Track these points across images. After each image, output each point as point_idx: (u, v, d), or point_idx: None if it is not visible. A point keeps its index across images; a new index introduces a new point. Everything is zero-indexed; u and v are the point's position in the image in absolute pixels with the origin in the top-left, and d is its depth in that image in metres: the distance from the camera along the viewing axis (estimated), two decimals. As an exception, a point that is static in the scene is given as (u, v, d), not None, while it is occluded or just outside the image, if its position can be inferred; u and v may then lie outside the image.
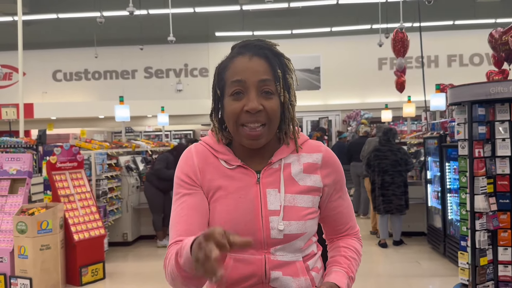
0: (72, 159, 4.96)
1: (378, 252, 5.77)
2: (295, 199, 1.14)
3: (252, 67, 1.09)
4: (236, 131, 1.11)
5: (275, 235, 1.10)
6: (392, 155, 5.83)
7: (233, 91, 1.09)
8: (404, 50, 9.15)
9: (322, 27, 13.99)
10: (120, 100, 7.37)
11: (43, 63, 15.19)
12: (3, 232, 4.61)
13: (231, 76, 1.11)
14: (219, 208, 1.12)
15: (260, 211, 1.11)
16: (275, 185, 1.14)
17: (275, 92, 1.10)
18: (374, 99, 13.82)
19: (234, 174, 1.14)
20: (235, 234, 0.81)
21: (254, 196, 1.12)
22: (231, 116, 1.10)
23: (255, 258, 1.11)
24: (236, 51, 1.15)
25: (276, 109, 1.10)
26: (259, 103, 1.07)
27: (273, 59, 1.12)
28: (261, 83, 1.09)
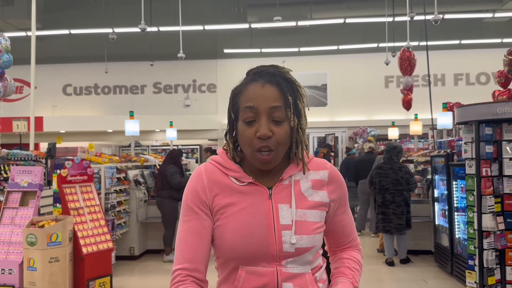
0: (83, 172, 5.03)
1: (385, 270, 5.74)
2: (305, 214, 1.20)
3: (264, 94, 1.16)
4: (251, 155, 1.18)
5: (287, 249, 1.16)
6: (393, 174, 5.81)
7: (246, 118, 1.17)
8: (411, 69, 9.21)
9: (329, 45, 14.13)
10: (130, 115, 7.47)
11: (53, 77, 15.42)
12: (13, 244, 4.66)
13: (244, 102, 1.18)
14: (232, 224, 1.17)
15: (273, 225, 1.16)
16: (287, 201, 1.20)
17: (285, 119, 1.17)
18: (381, 117, 13.85)
19: (246, 190, 1.20)
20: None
21: (267, 211, 1.18)
22: (246, 142, 1.17)
23: (267, 270, 1.16)
24: (250, 78, 1.22)
25: (284, 135, 1.17)
26: (269, 129, 1.14)
27: (285, 86, 1.18)
28: (272, 110, 1.15)
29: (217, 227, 1.20)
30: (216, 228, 1.20)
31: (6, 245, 4.68)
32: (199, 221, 1.20)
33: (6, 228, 4.81)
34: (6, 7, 12.38)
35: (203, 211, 1.20)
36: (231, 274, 1.20)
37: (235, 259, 1.18)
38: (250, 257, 1.16)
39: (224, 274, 1.23)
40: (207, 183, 1.21)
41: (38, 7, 9.06)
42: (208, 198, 1.20)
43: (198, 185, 1.22)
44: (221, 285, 1.25)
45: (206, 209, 1.20)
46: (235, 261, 1.18)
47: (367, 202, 7.75)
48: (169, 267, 5.91)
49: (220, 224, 1.19)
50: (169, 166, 6.23)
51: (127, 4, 11.15)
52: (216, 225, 1.20)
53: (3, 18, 12.21)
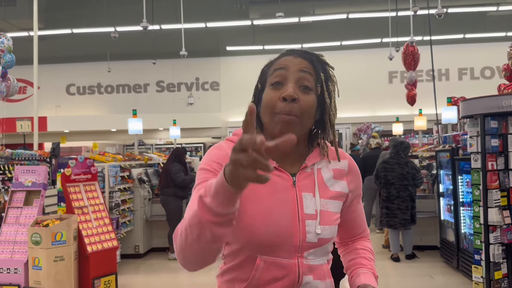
0: (86, 171, 5.03)
1: (391, 266, 5.72)
2: (327, 204, 1.16)
3: (295, 61, 1.13)
4: (271, 118, 1.10)
5: (311, 239, 1.11)
6: (399, 168, 5.78)
7: (274, 81, 1.11)
8: (414, 64, 9.16)
9: (332, 41, 14.07)
10: (133, 113, 7.47)
11: (56, 77, 15.46)
12: (18, 243, 4.67)
13: (274, 68, 1.14)
14: (253, 207, 1.08)
15: (297, 214, 1.11)
16: (310, 189, 1.15)
17: (314, 89, 1.12)
18: (385, 112, 13.80)
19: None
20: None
21: (291, 198, 1.12)
22: (268, 105, 1.10)
23: (289, 262, 1.10)
24: (283, 54, 1.19)
25: (311, 105, 1.10)
26: (295, 92, 1.08)
27: (318, 65, 1.15)
28: (302, 74, 1.10)
29: None
30: None
31: (11, 244, 4.70)
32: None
33: (11, 227, 4.83)
34: (8, 7, 12.41)
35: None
36: (245, 263, 1.12)
37: (253, 248, 1.09)
38: (271, 246, 1.09)
39: (234, 262, 1.14)
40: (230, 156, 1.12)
41: (40, 6, 9.07)
42: None
43: (219, 154, 1.13)
44: (227, 273, 1.16)
45: None
46: (252, 249, 1.10)
47: (372, 198, 7.72)
48: (174, 265, 5.91)
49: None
50: (173, 164, 6.23)
51: (129, 3, 11.14)
52: None
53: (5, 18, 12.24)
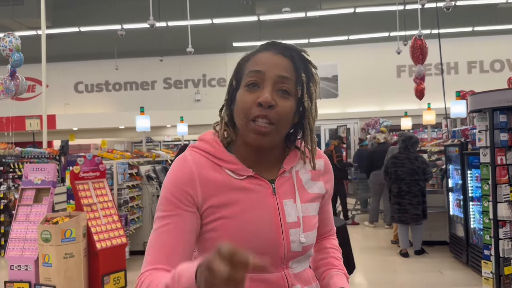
0: (95, 168, 5.06)
1: (399, 261, 5.69)
2: (307, 208, 1.10)
3: (274, 61, 1.01)
4: (244, 125, 1.00)
5: (295, 248, 1.05)
6: (409, 163, 5.75)
7: (249, 82, 1.01)
8: (423, 57, 9.08)
9: (339, 36, 13.99)
10: (141, 111, 7.49)
11: (65, 75, 15.56)
12: (28, 240, 4.72)
13: (250, 67, 1.03)
14: (232, 225, 1.00)
15: (280, 225, 1.03)
16: (290, 195, 1.08)
17: (292, 95, 1.02)
18: (393, 107, 13.71)
19: (245, 186, 1.03)
20: (250, 254, 0.69)
21: (272, 207, 1.04)
22: (241, 108, 1.00)
23: (275, 276, 1.04)
24: (262, 47, 1.08)
25: (289, 111, 1.01)
26: (272, 98, 0.98)
27: (299, 63, 1.05)
28: (280, 79, 1.00)
29: (210, 230, 1.01)
30: (209, 231, 1.01)
31: (22, 241, 4.75)
32: (181, 217, 0.99)
33: (21, 225, 4.88)
34: (16, 7, 12.50)
35: (188, 206, 1.00)
36: None
37: None
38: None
39: None
40: (199, 179, 1.01)
41: (48, 5, 9.12)
42: (197, 195, 1.00)
43: (185, 177, 1.01)
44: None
45: (192, 206, 1.00)
46: None
47: (379, 193, 7.70)
48: (182, 261, 5.93)
49: (215, 226, 1.01)
50: None
51: (135, 0, 11.16)
52: (208, 227, 1.01)
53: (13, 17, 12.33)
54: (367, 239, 7.03)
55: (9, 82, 6.80)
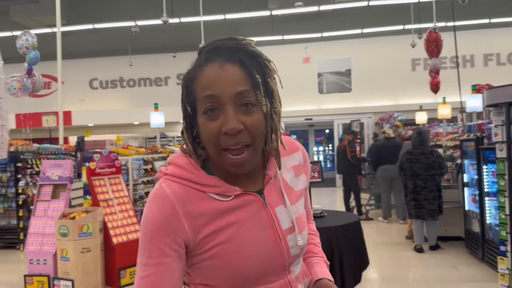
0: (111, 164, 5.13)
1: (414, 257, 5.67)
2: (297, 208, 1.08)
3: (225, 77, 0.91)
4: (218, 156, 0.94)
5: (295, 252, 1.04)
6: (425, 158, 5.70)
7: (206, 108, 0.91)
8: (438, 51, 8.97)
9: (353, 29, 13.87)
10: (155, 107, 7.55)
11: (80, 72, 15.74)
12: (47, 235, 4.82)
13: (201, 90, 0.92)
14: (230, 250, 0.95)
15: (278, 234, 1.01)
16: (280, 201, 1.04)
17: (256, 103, 0.93)
18: (408, 101, 13.58)
19: (235, 205, 0.97)
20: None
21: (266, 220, 1.00)
22: (209, 140, 0.92)
23: (279, 284, 1.02)
24: (204, 58, 0.96)
25: (259, 124, 0.93)
26: (238, 121, 0.90)
27: (249, 63, 0.94)
28: (238, 96, 0.91)
29: (208, 259, 0.96)
30: (207, 260, 0.96)
31: (40, 236, 4.86)
32: (168, 267, 0.93)
33: (40, 220, 4.99)
34: (31, 4, 12.67)
35: (175, 250, 0.93)
36: None
37: (239, 284, 0.98)
38: (258, 277, 0.98)
39: None
40: (184, 215, 0.93)
41: (63, 3, 9.22)
42: (185, 233, 0.93)
43: (168, 217, 0.93)
44: None
45: (180, 248, 0.94)
46: (237, 285, 0.98)
47: (389, 189, 7.64)
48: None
49: (213, 254, 0.95)
50: None
51: (149, -3, 11.23)
52: (205, 256, 0.96)
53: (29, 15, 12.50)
54: (381, 235, 7.00)
55: (26, 80, 6.91)
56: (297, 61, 14.20)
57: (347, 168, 8.14)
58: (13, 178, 6.90)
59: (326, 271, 1.18)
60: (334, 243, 3.35)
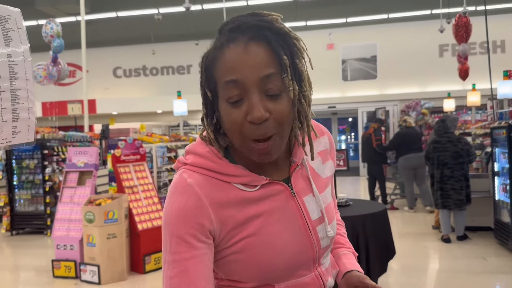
0: (135, 152, 5.16)
1: (441, 247, 5.54)
2: (326, 196, 1.02)
3: (249, 60, 0.83)
4: (243, 145, 0.88)
5: (325, 244, 0.99)
6: (452, 146, 5.52)
7: (229, 98, 0.85)
8: (467, 36, 8.66)
9: (378, 14, 13.55)
10: (178, 95, 7.55)
11: (104, 60, 15.91)
12: (73, 221, 4.90)
13: (223, 74, 0.85)
14: (260, 242, 0.90)
15: (307, 225, 0.95)
16: (308, 190, 0.98)
17: (283, 88, 0.85)
18: (435, 88, 13.24)
19: (262, 195, 0.92)
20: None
21: (295, 210, 0.95)
22: (233, 129, 0.86)
23: (310, 278, 0.98)
24: (225, 37, 0.87)
25: (287, 111, 0.86)
26: (264, 109, 0.83)
27: (276, 42, 0.85)
28: (264, 81, 0.83)
29: (235, 253, 0.91)
30: (234, 254, 0.91)
31: (67, 222, 4.94)
32: (200, 259, 0.87)
33: (66, 206, 5.07)
34: (56, -7, 12.79)
35: (204, 242, 0.87)
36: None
37: (267, 279, 0.93)
38: (288, 270, 0.94)
39: None
40: (210, 205, 0.88)
41: (86, -9, 9.27)
42: (212, 224, 0.88)
43: (194, 207, 0.87)
44: None
45: (209, 239, 0.88)
46: (265, 280, 0.93)
47: (411, 178, 7.50)
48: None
49: (240, 247, 0.90)
50: None
51: (171, -16, 11.19)
52: (232, 250, 0.91)
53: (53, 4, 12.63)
54: (407, 224, 6.88)
55: (51, 68, 7.00)
56: (321, 48, 13.98)
57: (372, 156, 8.01)
58: (40, 165, 7.04)
59: (355, 263, 1.13)
60: (360, 233, 3.30)
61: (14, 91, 0.88)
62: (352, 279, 1.06)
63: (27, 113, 0.91)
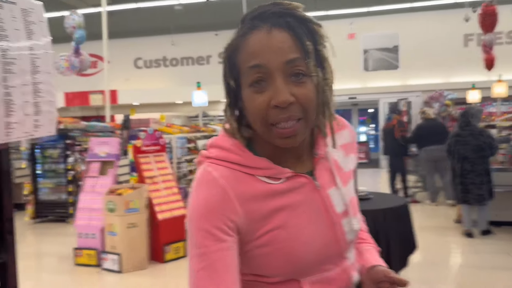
0: (156, 143, 5.19)
1: (463, 242, 5.44)
2: (349, 190, 1.00)
3: (273, 44, 0.83)
4: (266, 132, 0.86)
5: (350, 237, 0.98)
6: (474, 140, 5.36)
7: (252, 81, 0.84)
8: (493, 25, 8.40)
9: (401, 3, 13.25)
10: (198, 86, 7.57)
11: (125, 51, 16.01)
12: (95, 210, 4.98)
13: (246, 60, 0.85)
14: (286, 235, 0.89)
15: (332, 219, 0.94)
16: (332, 183, 0.96)
17: (307, 73, 0.84)
18: (459, 79, 12.92)
19: (286, 188, 0.91)
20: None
21: (320, 203, 0.93)
22: (257, 115, 0.85)
23: (336, 272, 0.96)
24: (248, 25, 0.87)
25: (312, 96, 0.85)
26: (289, 93, 0.82)
27: (299, 28, 0.85)
28: (289, 65, 0.83)
29: (260, 246, 0.89)
30: (259, 247, 0.89)
31: (89, 211, 5.02)
32: (227, 253, 0.85)
33: (88, 195, 5.15)
34: (78, -15, 12.90)
35: (230, 236, 0.86)
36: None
37: (293, 273, 0.92)
38: (314, 264, 0.92)
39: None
40: (236, 197, 0.86)
41: (108, -18, 9.32)
42: (239, 217, 0.86)
43: (220, 199, 0.86)
44: None
45: (236, 233, 0.87)
46: (291, 274, 0.92)
47: (433, 170, 7.36)
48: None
49: (265, 241, 0.89)
50: None
51: (191, -26, 11.16)
52: (257, 243, 0.89)
53: (76, -5, 12.76)
54: (428, 218, 6.77)
55: (73, 59, 7.08)
56: (342, 37, 13.78)
57: (394, 149, 7.88)
58: (63, 154, 7.17)
59: (378, 258, 1.11)
60: (380, 226, 3.25)
61: (36, 85, 0.88)
62: (376, 274, 1.04)
63: (48, 106, 0.90)
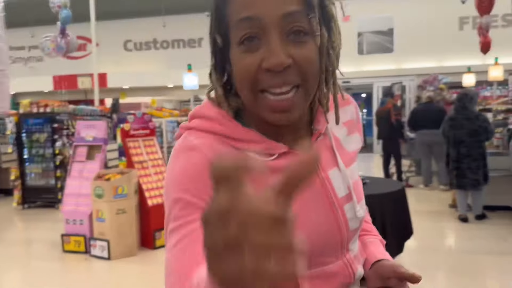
0: (145, 126, 5.04)
1: (458, 227, 5.39)
2: (353, 172, 0.86)
3: None
4: (253, 100, 0.71)
5: (354, 226, 0.83)
6: (469, 124, 5.27)
7: (242, 37, 0.69)
8: (490, 7, 8.27)
9: (395, -14, 13.07)
10: (188, 68, 7.40)
11: (114, 33, 15.68)
12: (82, 196, 4.84)
13: (236, 11, 0.69)
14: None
15: (333, 204, 0.80)
16: (333, 163, 0.83)
17: (309, 31, 0.69)
18: (454, 62, 12.81)
19: (278, 166, 0.74)
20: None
21: (319, 186, 0.79)
22: (244, 79, 0.70)
23: (338, 265, 0.82)
24: None
25: (313, 59, 0.71)
26: (286, 54, 0.67)
27: None
28: (287, 20, 0.67)
29: None
30: None
31: (76, 197, 4.88)
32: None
33: (75, 180, 5.00)
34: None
35: None
36: None
37: None
38: (312, 256, 0.77)
39: None
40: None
41: (95, -40, 9.02)
42: None
43: (199, 166, 0.70)
44: None
45: None
46: None
47: (428, 154, 7.33)
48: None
49: None
50: None
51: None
52: None
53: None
54: (423, 203, 6.72)
55: (60, 40, 6.85)
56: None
57: (389, 132, 7.80)
58: (50, 139, 6.98)
59: (384, 251, 0.97)
60: (376, 212, 3.16)
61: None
62: (383, 269, 0.90)
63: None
